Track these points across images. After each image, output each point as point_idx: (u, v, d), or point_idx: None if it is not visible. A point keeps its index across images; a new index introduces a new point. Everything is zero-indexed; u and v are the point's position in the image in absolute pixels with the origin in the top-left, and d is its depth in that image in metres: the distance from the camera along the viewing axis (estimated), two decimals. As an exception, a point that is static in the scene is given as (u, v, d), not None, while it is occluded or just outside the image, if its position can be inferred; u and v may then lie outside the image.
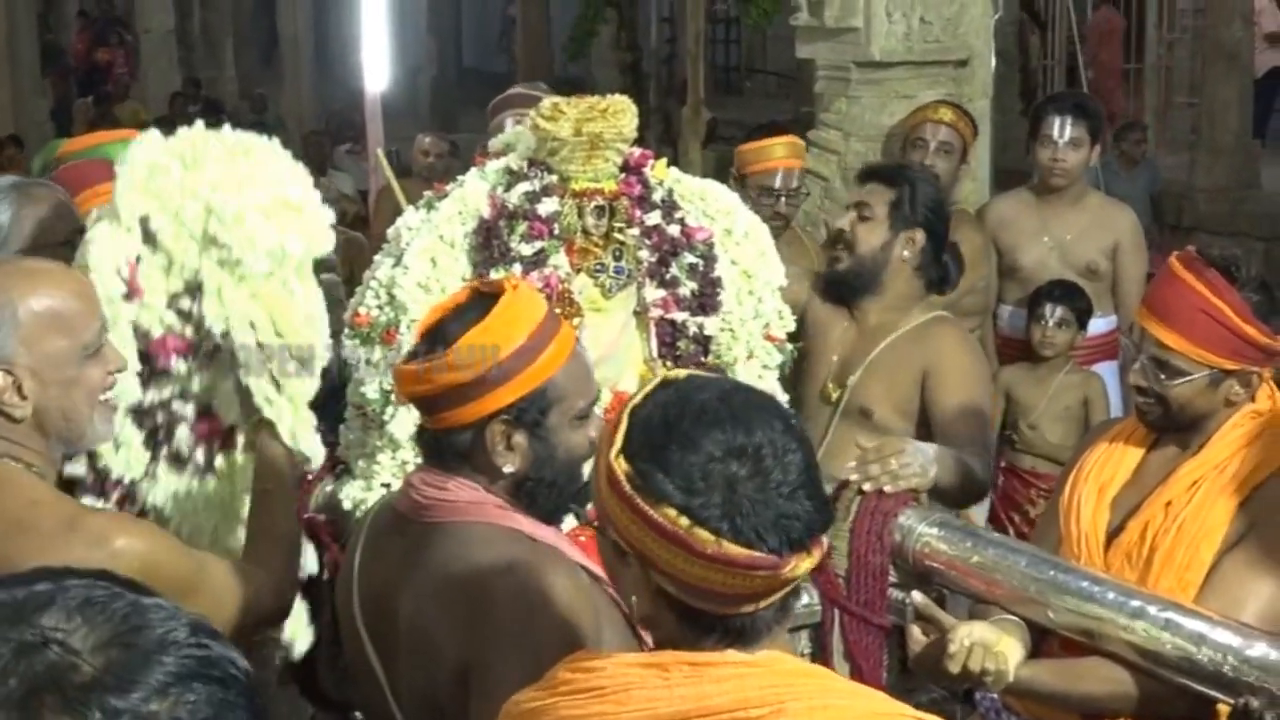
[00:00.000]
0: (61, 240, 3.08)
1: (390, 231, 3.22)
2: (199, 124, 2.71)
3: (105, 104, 16.32)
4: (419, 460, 2.53)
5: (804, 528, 1.63)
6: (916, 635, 2.69)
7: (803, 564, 1.64)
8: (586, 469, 2.28)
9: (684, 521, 1.61)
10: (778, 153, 4.87)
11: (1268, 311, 2.67)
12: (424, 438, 2.35)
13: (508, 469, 2.26)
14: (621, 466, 1.65)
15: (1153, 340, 2.70)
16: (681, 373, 1.76)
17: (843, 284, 3.77)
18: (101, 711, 0.99)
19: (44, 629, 1.02)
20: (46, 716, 0.98)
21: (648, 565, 1.66)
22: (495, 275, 3.00)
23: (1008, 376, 5.02)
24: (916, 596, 2.68)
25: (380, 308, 3.07)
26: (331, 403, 4.57)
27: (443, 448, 2.27)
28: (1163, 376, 2.70)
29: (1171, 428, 2.79)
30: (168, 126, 2.84)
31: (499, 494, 2.25)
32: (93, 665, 1.01)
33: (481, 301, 2.26)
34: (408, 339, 2.83)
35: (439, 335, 2.24)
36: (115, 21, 21.10)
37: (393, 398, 3.01)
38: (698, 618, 1.67)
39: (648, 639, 2.23)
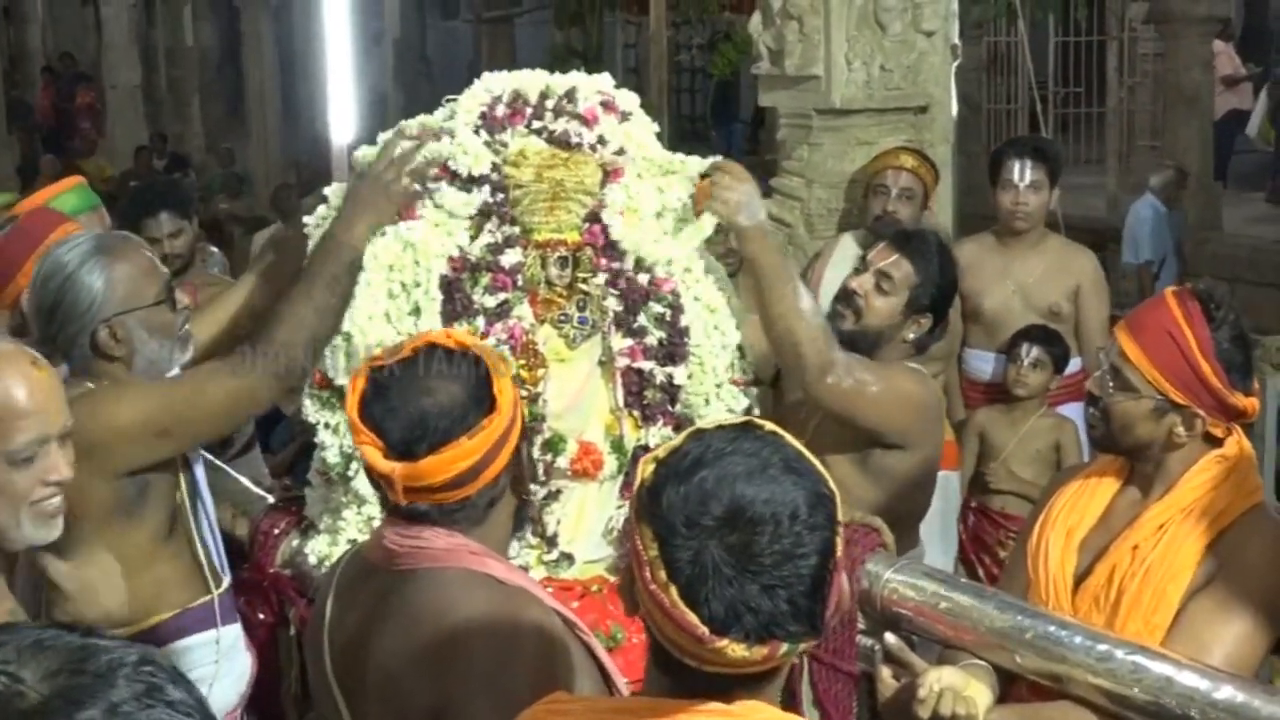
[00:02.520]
0: (153, 301, 3.02)
1: None
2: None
3: (71, 158, 16.30)
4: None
5: (761, 624, 1.57)
6: (886, 678, 2.67)
7: (739, 651, 1.58)
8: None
9: (653, 551, 1.60)
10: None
11: (1235, 362, 2.65)
12: (393, 504, 2.25)
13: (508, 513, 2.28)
14: (647, 470, 1.65)
15: (1117, 348, 2.72)
16: (766, 424, 1.70)
17: (840, 343, 3.52)
18: None
19: None
20: None
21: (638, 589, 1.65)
22: (459, 328, 3.00)
23: (981, 417, 5.03)
24: (890, 638, 2.67)
25: (343, 369, 3.05)
26: (300, 461, 4.56)
27: (417, 508, 2.20)
28: (1112, 386, 2.72)
29: (1111, 449, 2.80)
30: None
31: (474, 539, 2.22)
32: (39, 692, 1.06)
33: (456, 368, 2.19)
34: None
35: (446, 421, 2.15)
36: (81, 77, 21.12)
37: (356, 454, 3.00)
38: (676, 667, 1.65)
39: (621, 687, 2.23)
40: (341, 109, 7.74)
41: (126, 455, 2.94)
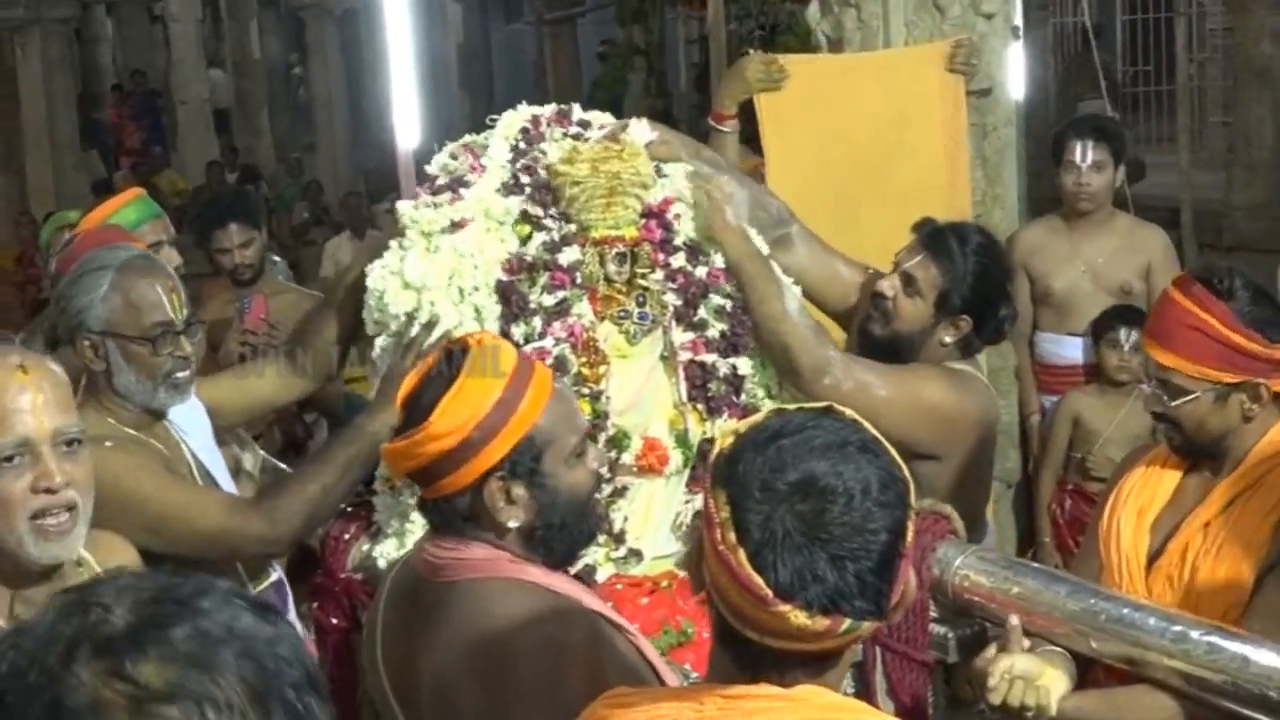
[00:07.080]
0: (135, 335, 2.94)
1: None
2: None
3: (145, 174, 16.52)
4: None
5: (826, 595, 1.58)
6: (991, 651, 2.67)
7: (800, 619, 1.58)
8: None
9: (725, 514, 1.61)
10: None
11: (1264, 318, 2.61)
12: (427, 508, 2.30)
13: (513, 523, 2.21)
14: (726, 441, 1.67)
15: (1154, 363, 2.70)
16: (846, 410, 1.70)
17: (876, 347, 3.43)
18: (132, 657, 1.10)
19: (87, 597, 1.16)
20: (81, 662, 1.10)
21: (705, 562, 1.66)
22: (516, 330, 3.02)
23: (1075, 401, 4.94)
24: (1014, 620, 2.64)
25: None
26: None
27: (447, 514, 2.24)
28: (1166, 398, 2.69)
29: (1196, 453, 2.76)
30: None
31: (511, 548, 2.23)
32: (124, 620, 1.13)
33: (451, 362, 2.22)
34: None
35: (416, 407, 2.20)
36: (152, 94, 21.41)
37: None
38: (737, 640, 1.66)
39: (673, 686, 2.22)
40: (406, 116, 7.76)
41: (112, 523, 2.73)
